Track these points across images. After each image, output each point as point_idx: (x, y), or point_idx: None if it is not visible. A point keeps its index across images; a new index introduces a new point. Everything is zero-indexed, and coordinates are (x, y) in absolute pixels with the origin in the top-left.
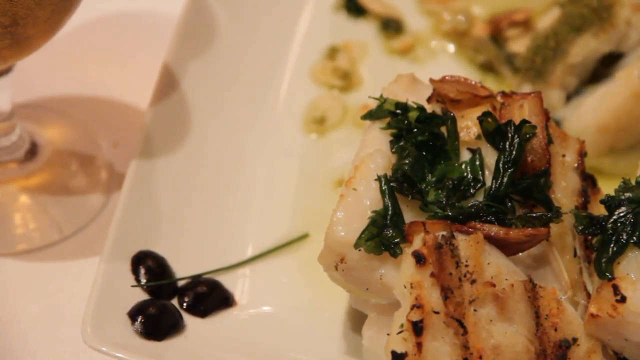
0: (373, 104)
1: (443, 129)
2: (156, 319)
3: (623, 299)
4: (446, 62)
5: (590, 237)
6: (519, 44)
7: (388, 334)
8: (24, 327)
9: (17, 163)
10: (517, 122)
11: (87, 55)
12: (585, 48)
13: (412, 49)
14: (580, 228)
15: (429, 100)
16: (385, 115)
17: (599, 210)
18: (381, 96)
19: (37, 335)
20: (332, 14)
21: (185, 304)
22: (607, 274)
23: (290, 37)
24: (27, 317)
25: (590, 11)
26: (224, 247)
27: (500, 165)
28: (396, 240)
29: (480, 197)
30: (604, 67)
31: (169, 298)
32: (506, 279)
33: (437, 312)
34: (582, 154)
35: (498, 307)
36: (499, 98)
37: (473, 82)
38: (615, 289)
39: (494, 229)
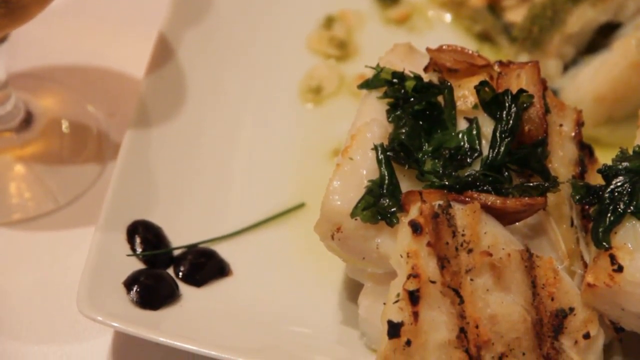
0: (369, 74)
1: (440, 99)
2: (152, 289)
3: (620, 269)
4: (443, 32)
5: (587, 207)
6: (516, 14)
7: (384, 304)
8: (18, 297)
9: (12, 132)
10: (514, 91)
11: (83, 25)
12: (583, 18)
13: (409, 18)
14: (577, 198)
15: (425, 69)
16: (382, 84)
17: (596, 179)
18: (378, 65)
19: (32, 304)
20: None
21: (181, 274)
22: (604, 243)
23: (286, 6)
24: (22, 286)
25: None
26: (220, 216)
27: (497, 135)
28: (393, 210)
29: (477, 167)
30: (602, 36)
31: (165, 267)
32: (503, 249)
33: (433, 282)
34: (580, 124)
35: (494, 276)
36: (496, 67)
37: (470, 52)
38: (612, 259)
39: (491, 199)
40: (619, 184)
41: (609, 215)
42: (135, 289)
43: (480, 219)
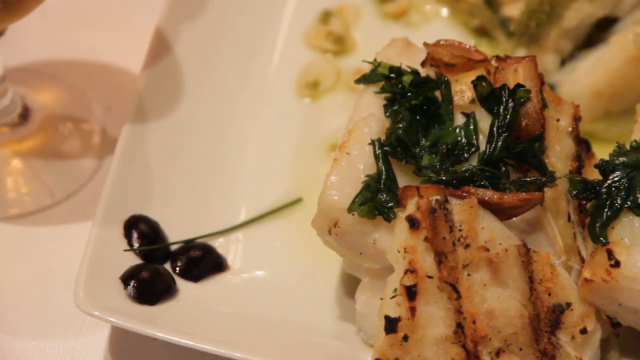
0: (367, 68)
1: (437, 93)
2: (149, 284)
3: (617, 264)
4: (440, 26)
5: (584, 202)
6: (513, 8)
7: (381, 299)
8: (15, 292)
9: (9, 127)
10: (511, 86)
11: (80, 19)
12: (580, 12)
13: (406, 13)
14: (574, 192)
15: (423, 64)
16: (379, 79)
17: (593, 174)
18: (375, 60)
19: (29, 299)
20: None
21: (178, 269)
22: (601, 238)
23: (284, 1)
24: (19, 281)
25: None
26: (217, 211)
27: (495, 130)
28: (390, 205)
29: (474, 162)
30: (599, 31)
31: (162, 262)
32: (500, 244)
33: (430, 277)
34: (577, 119)
35: (492, 271)
36: (493, 62)
37: (467, 46)
38: (610, 254)
39: (488, 194)
40: (616, 178)
41: (606, 210)
42: (132, 284)
43: (477, 214)
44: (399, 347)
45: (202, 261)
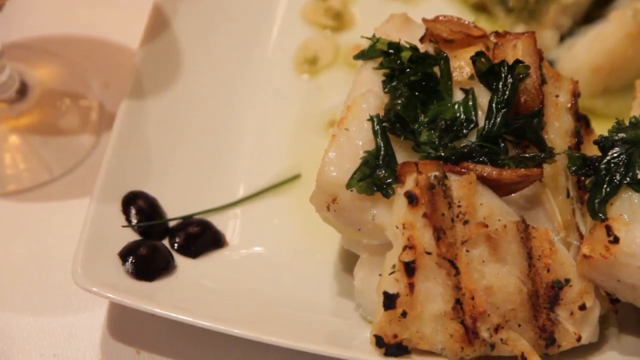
0: (365, 44)
1: (436, 69)
2: (147, 260)
3: (616, 240)
4: (439, 2)
5: (583, 178)
6: None
7: (380, 275)
8: (13, 268)
9: (7, 103)
10: (510, 62)
11: None
12: None
13: None
14: (573, 169)
15: (421, 40)
16: (378, 55)
17: (592, 151)
18: (373, 36)
19: (27, 276)
20: None
21: (176, 245)
22: (600, 214)
23: None
24: (17, 257)
25: None
26: (215, 187)
27: (494, 106)
28: (388, 181)
29: (473, 138)
30: (598, 7)
31: (160, 239)
32: (499, 220)
33: (429, 253)
34: (576, 95)
35: (490, 248)
36: (492, 38)
37: (466, 22)
38: (608, 230)
39: (487, 170)
40: (615, 155)
41: (605, 186)
42: (130, 260)
43: (476, 190)
44: (398, 323)
45: (201, 237)
